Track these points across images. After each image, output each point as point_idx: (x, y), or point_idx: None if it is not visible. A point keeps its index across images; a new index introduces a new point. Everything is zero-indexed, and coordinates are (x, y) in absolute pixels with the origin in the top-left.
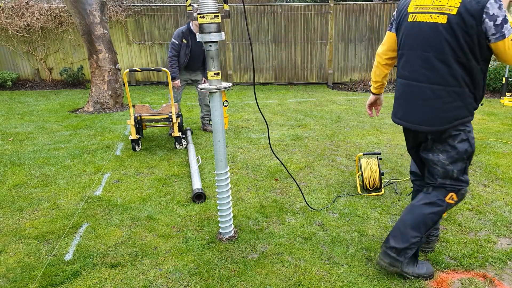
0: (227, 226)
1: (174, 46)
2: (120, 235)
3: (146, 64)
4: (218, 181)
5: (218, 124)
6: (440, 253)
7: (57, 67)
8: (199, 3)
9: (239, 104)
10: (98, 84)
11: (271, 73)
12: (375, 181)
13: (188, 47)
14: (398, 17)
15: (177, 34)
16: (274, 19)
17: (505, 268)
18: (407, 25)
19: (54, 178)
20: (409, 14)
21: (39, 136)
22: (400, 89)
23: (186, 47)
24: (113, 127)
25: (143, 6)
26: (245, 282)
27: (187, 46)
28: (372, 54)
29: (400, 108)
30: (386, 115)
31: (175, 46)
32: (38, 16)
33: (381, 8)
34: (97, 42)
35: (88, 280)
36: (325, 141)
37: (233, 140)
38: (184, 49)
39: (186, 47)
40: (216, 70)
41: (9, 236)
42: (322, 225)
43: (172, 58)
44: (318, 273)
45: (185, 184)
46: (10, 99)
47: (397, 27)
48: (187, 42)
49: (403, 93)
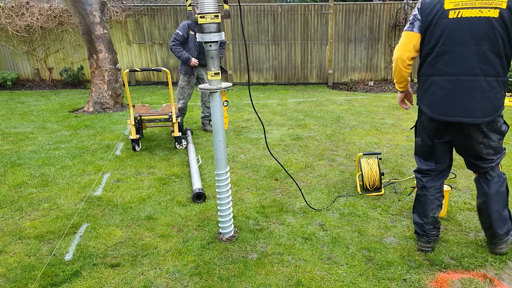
0: (227, 226)
1: (177, 36)
2: (120, 235)
3: (146, 64)
4: (218, 181)
5: (218, 124)
6: (440, 253)
7: (57, 67)
8: (199, 3)
9: (239, 104)
10: (98, 84)
11: (271, 73)
12: (375, 181)
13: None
14: (427, 16)
15: (182, 25)
16: (274, 19)
17: (505, 268)
18: (449, 22)
19: (54, 178)
20: (450, 11)
21: (39, 136)
22: (448, 86)
23: (195, 39)
24: (113, 127)
25: (143, 6)
26: (245, 282)
27: (195, 38)
28: (372, 54)
29: (453, 105)
30: (386, 115)
31: (178, 36)
32: (38, 16)
33: (381, 8)
34: (97, 42)
35: (88, 280)
36: (325, 141)
37: (233, 140)
38: (193, 40)
39: (195, 39)
40: (216, 70)
41: (9, 236)
42: (322, 225)
43: (174, 45)
44: (318, 273)
45: (185, 184)
46: (10, 99)
47: (427, 25)
48: (195, 33)
49: (454, 90)
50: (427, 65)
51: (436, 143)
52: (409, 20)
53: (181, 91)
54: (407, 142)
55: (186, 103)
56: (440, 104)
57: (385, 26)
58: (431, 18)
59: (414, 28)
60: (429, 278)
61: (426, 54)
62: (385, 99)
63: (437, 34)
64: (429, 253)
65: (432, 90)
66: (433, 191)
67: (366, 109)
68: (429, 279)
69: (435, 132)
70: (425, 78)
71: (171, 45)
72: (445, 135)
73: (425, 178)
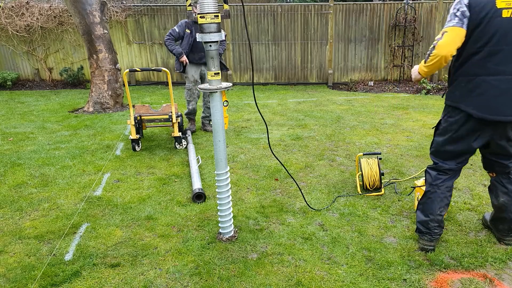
0: (227, 226)
1: (173, 32)
2: (120, 235)
3: (146, 64)
4: (218, 181)
5: (218, 124)
6: (440, 253)
7: (57, 67)
8: (199, 3)
9: (239, 104)
10: (98, 84)
11: (271, 73)
12: (375, 181)
13: (192, 37)
14: (478, 14)
15: (180, 23)
16: (274, 19)
17: (505, 268)
18: (503, 21)
19: (54, 178)
20: (503, 10)
21: (39, 136)
22: (501, 85)
23: (189, 37)
24: (113, 127)
25: (143, 6)
26: (245, 282)
27: (190, 36)
28: (372, 54)
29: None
30: (386, 115)
31: (173, 32)
32: (38, 16)
33: (381, 8)
34: (97, 42)
35: (88, 280)
36: (325, 141)
37: (233, 140)
38: (188, 38)
39: (189, 37)
40: (216, 70)
41: (9, 236)
42: (322, 225)
43: (168, 39)
44: (318, 273)
45: (185, 184)
46: (10, 99)
47: (477, 23)
48: (191, 32)
49: (509, 89)
50: (474, 64)
51: (465, 143)
52: (454, 15)
53: (189, 93)
54: (407, 142)
55: (196, 104)
56: (493, 104)
57: (385, 26)
58: (482, 16)
59: (464, 24)
60: (429, 278)
61: (472, 53)
62: (385, 99)
63: (489, 33)
64: (429, 252)
65: (481, 90)
66: (444, 189)
67: (366, 109)
68: (429, 279)
69: (468, 132)
70: (470, 78)
71: (165, 39)
72: (481, 135)
73: (441, 176)
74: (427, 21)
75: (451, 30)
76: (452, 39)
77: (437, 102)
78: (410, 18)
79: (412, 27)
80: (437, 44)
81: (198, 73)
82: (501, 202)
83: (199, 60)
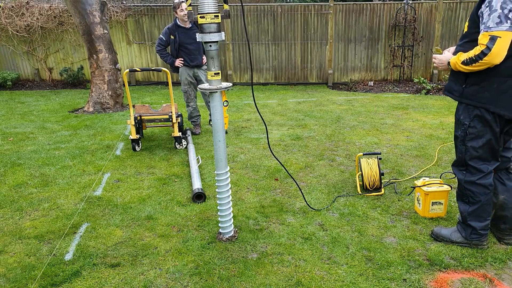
0: (227, 226)
1: (161, 41)
2: (120, 235)
3: (146, 64)
4: (218, 181)
5: (218, 124)
6: (440, 253)
7: (57, 67)
8: (199, 3)
9: (239, 104)
10: (98, 84)
11: (271, 73)
12: (375, 181)
13: (176, 42)
14: None
15: (164, 31)
16: (274, 19)
17: (505, 268)
18: None
19: (54, 178)
20: None
21: (39, 136)
22: None
23: (174, 42)
24: (113, 127)
25: (143, 6)
26: (245, 282)
27: (174, 41)
28: (372, 54)
29: None
30: (386, 115)
31: (161, 41)
32: (38, 16)
33: (381, 8)
34: (97, 42)
35: (88, 280)
36: (325, 141)
37: (233, 140)
38: (173, 44)
39: (174, 42)
40: (216, 70)
41: (9, 236)
42: (322, 225)
43: (160, 50)
44: (318, 273)
45: (185, 184)
46: (10, 99)
47: None
48: (174, 37)
49: None
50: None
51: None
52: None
53: (186, 95)
54: (407, 142)
55: (196, 104)
56: None
57: (385, 26)
58: None
59: None
60: (429, 278)
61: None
62: (385, 99)
63: None
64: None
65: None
66: (491, 188)
67: (366, 109)
68: (429, 279)
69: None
70: (505, 79)
71: (157, 50)
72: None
73: (490, 177)
74: (427, 21)
75: (505, 35)
76: (506, 46)
77: (437, 102)
78: (410, 18)
79: (412, 27)
80: (490, 52)
81: (191, 75)
82: (501, 200)
83: (190, 62)
